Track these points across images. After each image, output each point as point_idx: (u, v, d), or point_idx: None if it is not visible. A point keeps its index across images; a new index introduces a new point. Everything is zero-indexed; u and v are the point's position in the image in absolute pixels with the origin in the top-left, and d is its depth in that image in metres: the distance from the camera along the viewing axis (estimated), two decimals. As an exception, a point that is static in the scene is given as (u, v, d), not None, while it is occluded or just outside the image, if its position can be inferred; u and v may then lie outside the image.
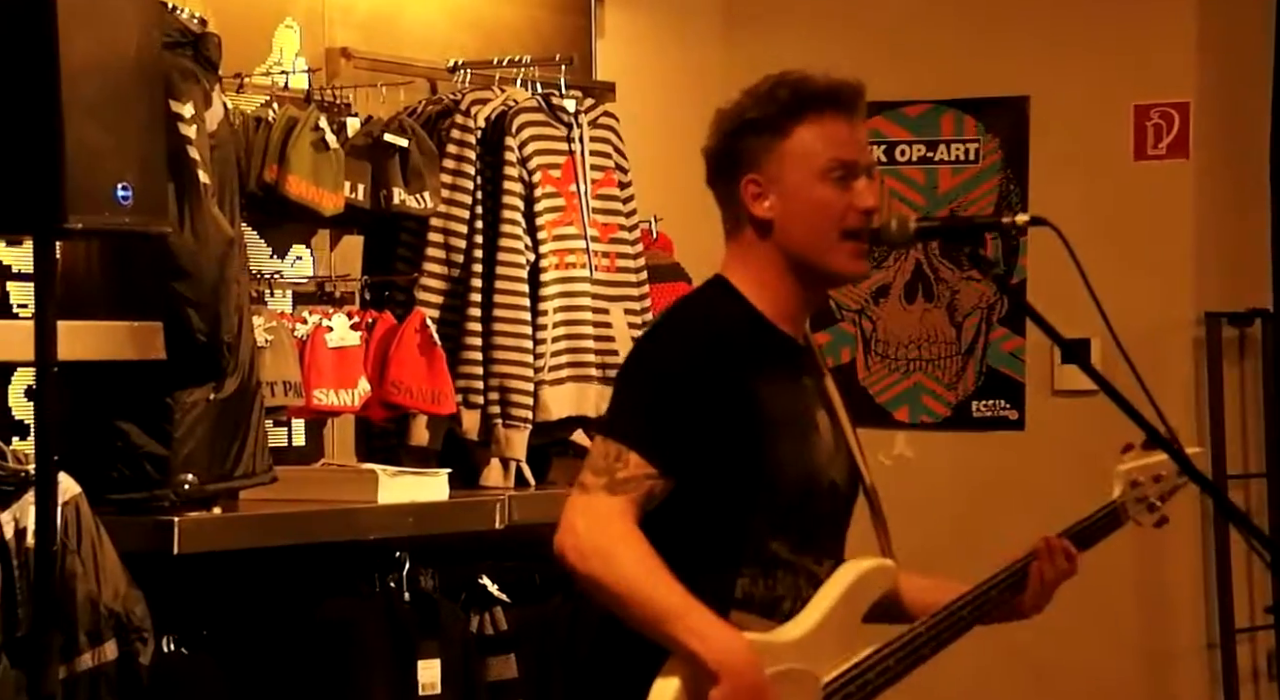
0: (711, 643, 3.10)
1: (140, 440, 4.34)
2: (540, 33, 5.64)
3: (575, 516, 3.18)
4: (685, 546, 3.19)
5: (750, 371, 3.26)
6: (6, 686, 3.90)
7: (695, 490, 3.22)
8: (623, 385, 3.41)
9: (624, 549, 3.14)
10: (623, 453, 3.17)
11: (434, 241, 5.11)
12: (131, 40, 3.71)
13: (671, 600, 3.11)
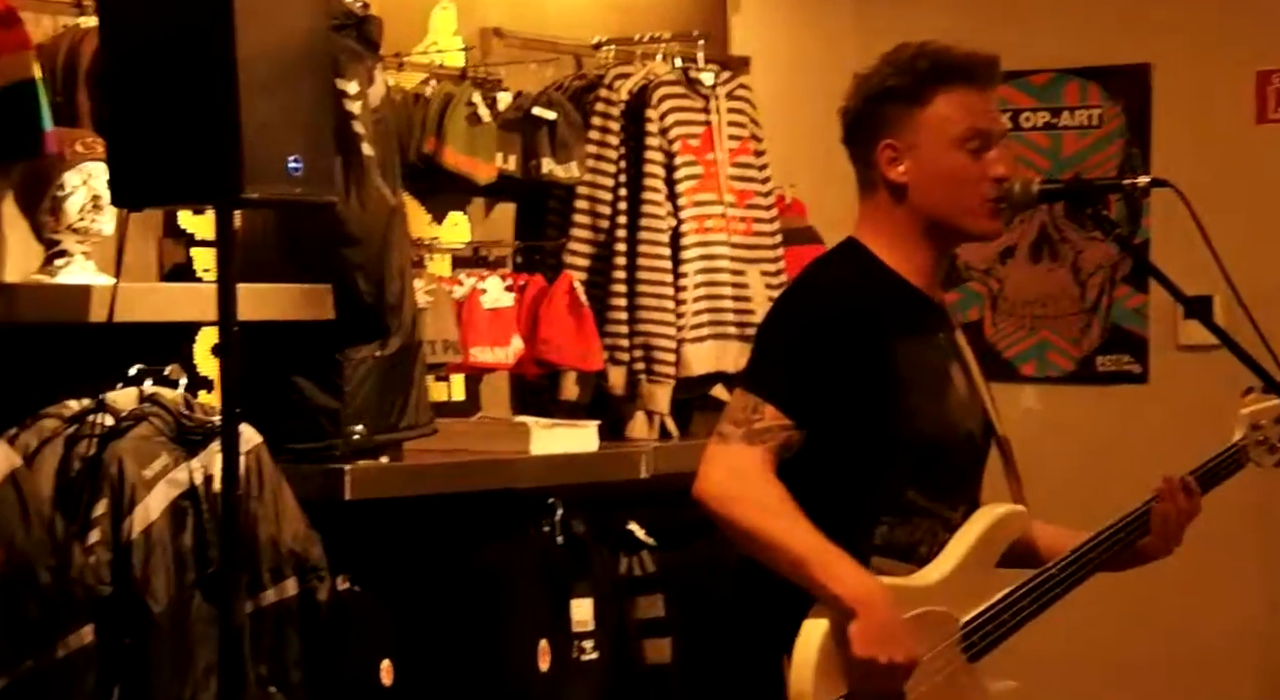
0: (849, 584, 3.14)
1: (314, 394, 4.43)
2: (679, 10, 5.66)
3: (714, 464, 3.22)
4: (826, 496, 3.23)
5: (885, 328, 3.31)
6: (200, 620, 3.96)
7: (833, 442, 3.25)
8: (761, 342, 3.45)
9: (761, 495, 3.18)
10: (760, 405, 3.21)
11: (580, 208, 5.19)
12: (301, 24, 3.77)
13: (809, 544, 3.16)
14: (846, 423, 3.25)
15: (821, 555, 3.16)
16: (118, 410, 4.04)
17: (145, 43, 3.69)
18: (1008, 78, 5.94)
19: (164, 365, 4.17)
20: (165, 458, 4.02)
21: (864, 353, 3.26)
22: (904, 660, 3.15)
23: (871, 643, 3.13)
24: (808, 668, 3.15)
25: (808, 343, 3.28)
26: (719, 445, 3.23)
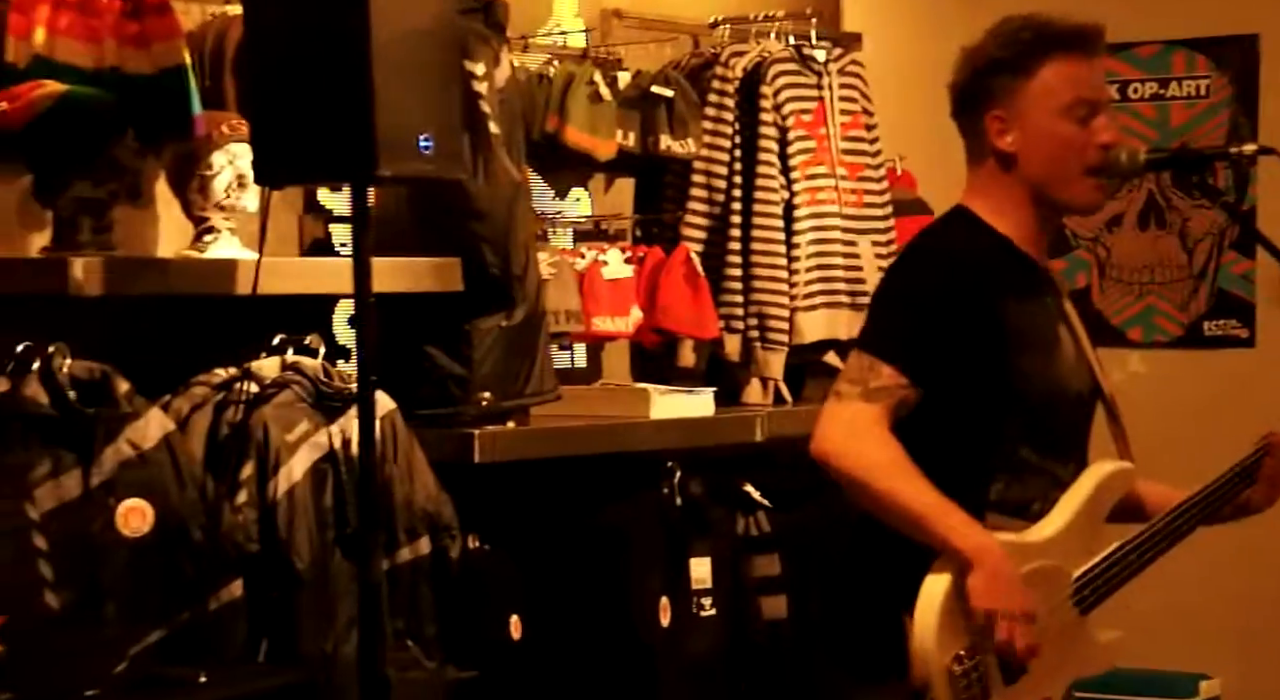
0: (967, 538, 3.16)
1: (444, 363, 4.49)
2: None
3: (832, 422, 3.23)
4: (942, 454, 3.24)
5: (994, 291, 3.30)
6: (341, 576, 4.05)
7: (947, 401, 3.25)
8: (876, 306, 3.45)
9: (878, 452, 3.19)
10: (876, 364, 3.22)
11: (697, 182, 5.22)
12: (431, 9, 3.82)
13: (926, 500, 3.17)
14: (960, 382, 3.26)
15: (939, 510, 3.18)
16: (262, 378, 4.14)
17: (286, 29, 3.75)
18: (1115, 50, 6.01)
19: (304, 335, 4.24)
20: (306, 423, 4.12)
21: (976, 314, 3.27)
22: (1021, 613, 3.17)
23: (991, 596, 3.15)
24: (930, 624, 3.17)
25: (922, 304, 3.29)
26: (836, 403, 3.25)
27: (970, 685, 3.19)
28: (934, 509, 3.18)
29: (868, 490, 3.20)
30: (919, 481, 3.19)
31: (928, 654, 3.16)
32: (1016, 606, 3.17)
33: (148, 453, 3.90)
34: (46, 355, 3.84)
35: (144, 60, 4.05)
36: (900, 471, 3.19)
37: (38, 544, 3.74)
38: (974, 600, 3.15)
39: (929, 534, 3.18)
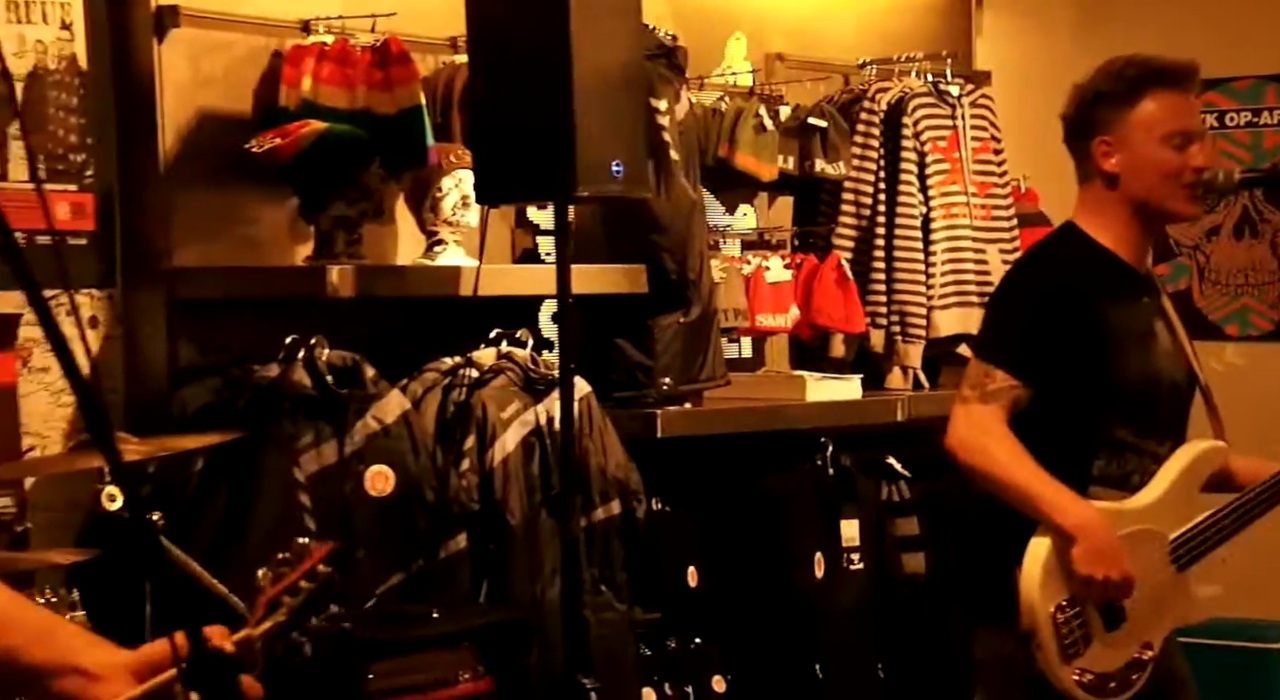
0: (1071, 514, 3.23)
1: (631, 353, 4.53)
2: (930, 33, 5.65)
3: (958, 422, 3.31)
4: (1051, 437, 3.29)
5: (1096, 295, 3.33)
6: (546, 531, 4.13)
7: (1055, 393, 3.29)
8: (990, 315, 3.51)
9: (996, 445, 3.25)
10: (991, 370, 3.29)
11: (847, 199, 5.19)
12: (623, 56, 3.91)
13: (1036, 483, 3.23)
14: (1065, 377, 3.30)
15: (1048, 492, 3.23)
16: (481, 365, 4.24)
17: (502, 75, 3.89)
18: (1214, 84, 5.91)
19: (516, 330, 4.33)
20: (518, 403, 4.20)
21: (1078, 317, 3.30)
22: (1119, 577, 3.24)
23: (1092, 562, 3.22)
24: (1035, 578, 3.24)
25: (1030, 312, 3.34)
26: (961, 407, 3.31)
27: (1072, 631, 3.25)
28: (1043, 491, 3.23)
29: (988, 477, 3.28)
30: (1030, 468, 3.25)
31: (1033, 603, 3.23)
32: (1114, 571, 3.24)
33: (390, 427, 4.03)
34: (309, 346, 3.99)
35: (388, 102, 4.14)
36: (1016, 461, 3.25)
37: (303, 501, 3.89)
38: (1079, 567, 3.22)
39: (1038, 513, 3.25)
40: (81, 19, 4.01)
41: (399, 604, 3.95)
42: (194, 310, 4.07)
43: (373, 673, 3.61)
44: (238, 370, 4.02)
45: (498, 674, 3.83)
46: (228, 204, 4.18)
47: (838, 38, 5.49)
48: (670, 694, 4.52)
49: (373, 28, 4.20)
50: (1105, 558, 3.23)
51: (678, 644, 4.59)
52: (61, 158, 3.99)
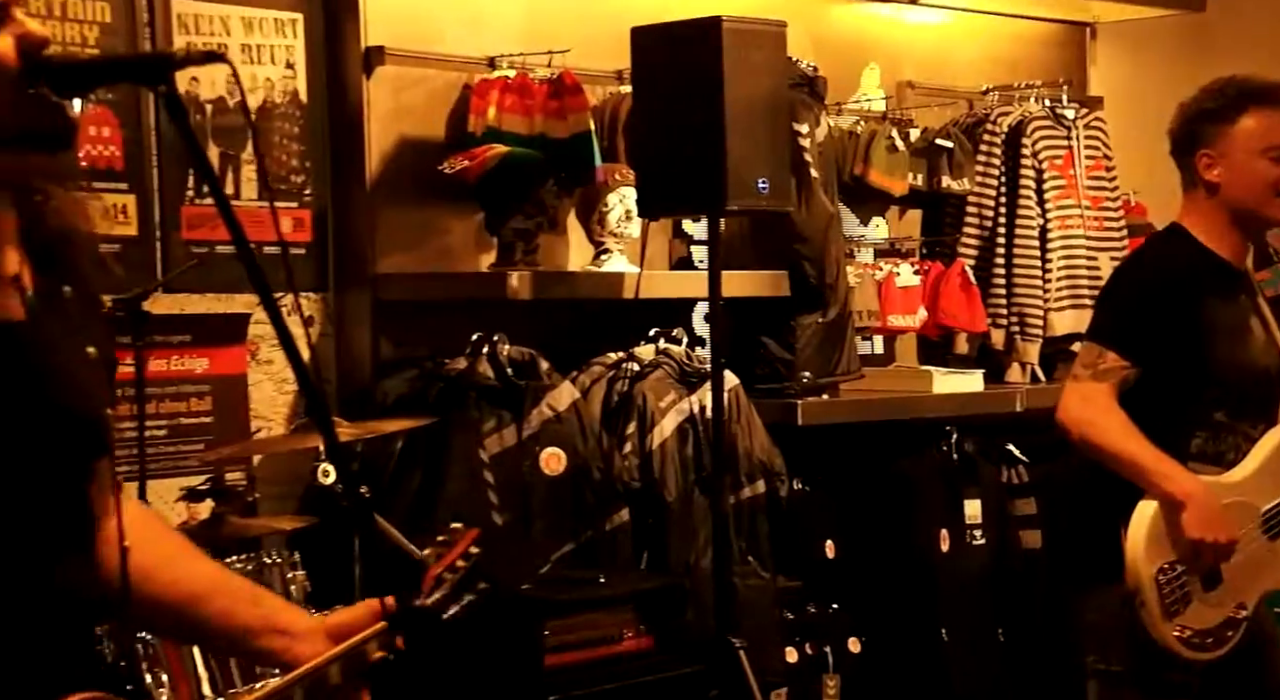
0: (1179, 483, 3.24)
1: (775, 349, 4.55)
2: (1048, 62, 5.59)
3: (1070, 397, 3.33)
4: (1154, 417, 3.29)
5: (1198, 289, 3.33)
6: (699, 507, 4.15)
7: (1158, 376, 3.30)
8: (1102, 303, 3.51)
9: (1106, 419, 3.26)
10: (1103, 351, 3.30)
11: (970, 212, 5.15)
12: (769, 85, 3.89)
13: (1144, 454, 3.25)
14: (1168, 361, 3.29)
15: (1156, 462, 3.23)
16: (641, 360, 4.28)
17: (662, 103, 3.92)
18: None
19: (672, 329, 4.36)
20: (674, 394, 4.23)
21: (1181, 307, 3.30)
22: (1226, 540, 3.25)
23: (1200, 527, 3.22)
24: (1140, 540, 3.24)
25: (1139, 300, 3.35)
26: (1074, 384, 3.33)
27: (1174, 590, 3.25)
28: (1152, 462, 3.26)
29: (1100, 449, 3.28)
30: (1138, 440, 3.25)
31: (1138, 563, 3.24)
32: (1222, 535, 3.24)
33: (562, 414, 4.08)
34: (492, 342, 4.05)
35: (562, 128, 4.18)
36: (1125, 433, 3.26)
37: (487, 478, 3.95)
38: (1188, 531, 3.23)
39: (1148, 482, 3.26)
40: (303, 59, 4.12)
41: (570, 570, 3.99)
42: (394, 311, 4.14)
43: (548, 630, 3.66)
44: (431, 363, 4.07)
45: (656, 633, 3.84)
46: (423, 218, 4.23)
47: (963, 67, 5.46)
48: (810, 653, 4.52)
49: (549, 63, 4.26)
50: (1212, 523, 3.23)
51: (817, 609, 4.59)
52: (284, 179, 4.09)
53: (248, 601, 1.88)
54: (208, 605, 1.86)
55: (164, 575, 1.85)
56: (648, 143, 4.00)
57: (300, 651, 1.82)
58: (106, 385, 1.79)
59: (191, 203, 3.96)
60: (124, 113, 3.87)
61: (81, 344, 1.74)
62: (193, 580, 1.87)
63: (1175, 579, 3.27)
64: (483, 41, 4.31)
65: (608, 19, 4.34)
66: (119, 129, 3.85)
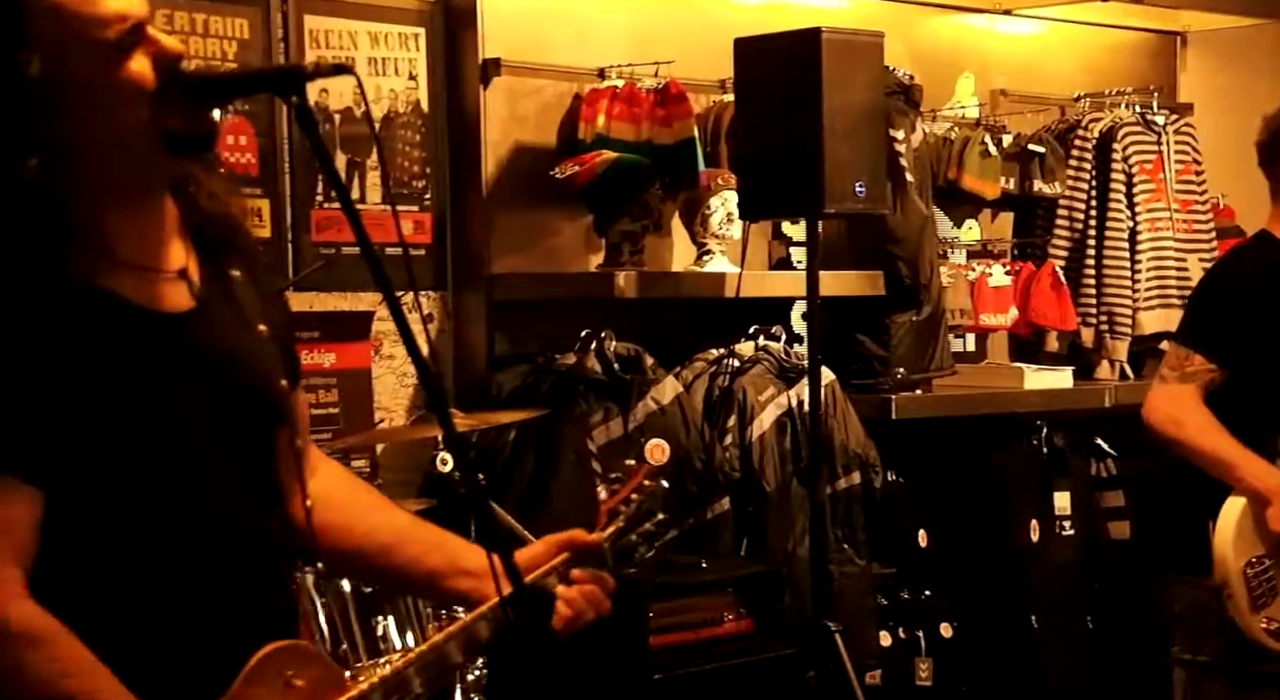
0: (1264, 479, 3.22)
1: (870, 346, 4.53)
2: (1138, 69, 5.54)
3: (1157, 398, 3.31)
4: (1241, 418, 3.27)
5: None
6: (797, 497, 4.14)
7: (1244, 378, 3.31)
8: (1191, 306, 3.48)
9: (1194, 418, 3.27)
10: (1190, 354, 3.28)
11: (1061, 215, 5.10)
12: (866, 94, 3.89)
13: (1231, 451, 3.24)
14: (1255, 365, 3.27)
15: (1243, 459, 3.22)
16: (741, 356, 4.27)
17: (763, 110, 3.93)
18: None
19: (771, 326, 4.35)
20: (772, 388, 4.21)
21: (1266, 313, 3.27)
22: None
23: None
24: (1229, 535, 3.21)
25: (1227, 306, 3.33)
26: (1161, 385, 3.31)
27: (1260, 584, 3.21)
28: (1238, 459, 3.24)
29: (1188, 447, 3.26)
30: (1224, 438, 3.23)
31: (1226, 558, 3.22)
32: None
33: (665, 406, 4.09)
34: (600, 339, 4.07)
35: (667, 135, 4.20)
36: (1213, 431, 3.24)
37: (595, 467, 3.94)
38: (1272, 525, 3.19)
39: (1234, 478, 3.24)
40: (424, 71, 4.17)
41: (674, 555, 3.95)
42: (508, 308, 4.17)
43: (652, 612, 3.66)
44: (542, 358, 4.10)
45: (755, 616, 3.83)
46: (535, 221, 4.26)
47: (1055, 75, 5.40)
48: (903, 637, 4.51)
49: (655, 73, 4.27)
50: None
51: (910, 595, 4.57)
52: (406, 184, 4.14)
53: (434, 548, 1.93)
54: (400, 553, 1.92)
55: (360, 528, 1.91)
56: (749, 149, 4.01)
57: (488, 590, 1.83)
58: (280, 359, 1.83)
59: (320, 206, 4.02)
60: (259, 122, 3.94)
61: (252, 323, 1.79)
62: (385, 531, 1.93)
63: (1262, 573, 3.24)
64: (592, 53, 4.33)
65: (711, 31, 4.35)
66: (254, 137, 3.92)
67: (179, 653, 1.69)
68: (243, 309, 1.80)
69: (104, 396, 1.66)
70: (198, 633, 1.70)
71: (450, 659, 1.83)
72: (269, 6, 3.94)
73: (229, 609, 1.73)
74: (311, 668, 1.73)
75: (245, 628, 1.73)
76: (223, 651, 1.70)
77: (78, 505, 1.67)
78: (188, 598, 1.71)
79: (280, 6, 3.95)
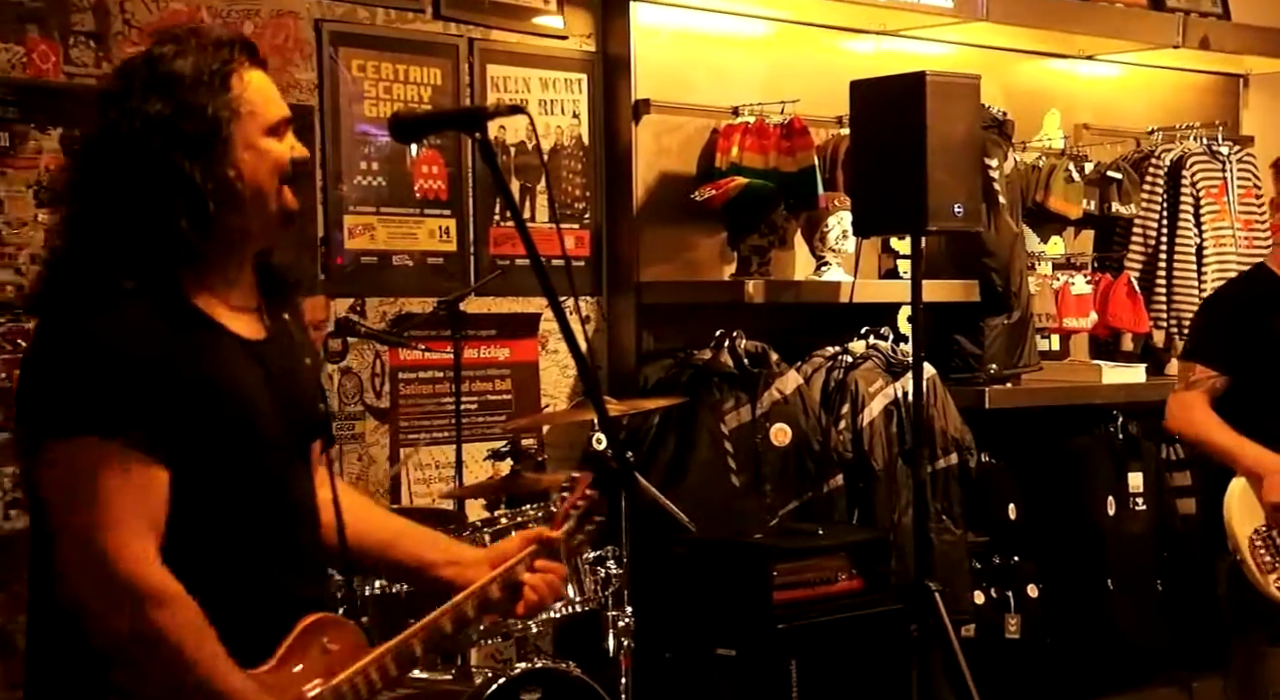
0: (1258, 459, 3.20)
1: (967, 345, 4.47)
2: (1207, 108, 5.38)
3: (1170, 406, 3.34)
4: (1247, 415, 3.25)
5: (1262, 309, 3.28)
6: (901, 474, 4.02)
7: (1250, 379, 3.27)
8: (1190, 328, 3.47)
9: (1197, 418, 3.27)
10: (1192, 366, 3.28)
11: (1136, 233, 5.01)
12: (964, 127, 3.84)
13: (1228, 440, 3.24)
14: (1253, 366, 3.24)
15: (1239, 446, 3.21)
16: (854, 353, 4.24)
17: (874, 142, 3.88)
18: None
19: (880, 328, 4.31)
20: (881, 381, 4.17)
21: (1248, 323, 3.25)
22: None
23: (1274, 493, 3.17)
24: (1232, 510, 3.22)
25: (1215, 321, 3.34)
26: (1173, 395, 3.34)
27: (1265, 549, 3.18)
28: (1235, 445, 3.22)
29: (1196, 442, 3.32)
30: (1225, 430, 3.24)
31: (1234, 529, 3.21)
32: None
33: (788, 396, 4.08)
34: (732, 337, 4.05)
35: (791, 163, 4.16)
36: (1214, 427, 3.26)
37: (727, 448, 3.95)
38: (1267, 496, 3.16)
39: (1233, 460, 3.23)
40: (585, 110, 4.19)
41: (794, 524, 3.98)
42: (654, 311, 4.16)
43: (776, 572, 3.65)
44: (682, 354, 4.09)
45: (865, 576, 3.81)
46: (677, 237, 4.25)
47: (1132, 111, 5.31)
48: (994, 597, 4.45)
49: (782, 110, 4.24)
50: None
51: (1001, 560, 4.49)
52: (569, 205, 4.16)
53: (428, 543, 2.02)
54: (398, 547, 2.00)
55: (363, 526, 1.99)
56: (862, 175, 3.97)
57: (470, 576, 1.97)
58: (320, 387, 1.94)
59: (497, 224, 4.04)
60: (448, 154, 3.98)
61: (301, 356, 1.90)
62: (385, 529, 2.02)
63: (1266, 539, 3.20)
64: (728, 94, 4.32)
65: (831, 74, 4.31)
66: (444, 167, 3.96)
67: (249, 617, 1.76)
68: (294, 344, 1.90)
69: (214, 398, 1.75)
70: (267, 602, 1.78)
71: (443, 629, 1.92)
72: (458, 57, 3.97)
73: (293, 583, 1.81)
74: (345, 636, 1.82)
75: (301, 600, 1.81)
76: (280, 619, 1.78)
77: (192, 487, 1.73)
78: (267, 571, 1.79)
79: (467, 57, 3.99)
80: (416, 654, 1.86)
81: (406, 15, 3.90)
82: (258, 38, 2.29)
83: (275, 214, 1.81)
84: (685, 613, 3.76)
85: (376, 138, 3.81)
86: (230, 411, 1.75)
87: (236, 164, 1.76)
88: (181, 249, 1.73)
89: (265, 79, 1.82)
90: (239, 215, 1.77)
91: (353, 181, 3.81)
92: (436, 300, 3.62)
